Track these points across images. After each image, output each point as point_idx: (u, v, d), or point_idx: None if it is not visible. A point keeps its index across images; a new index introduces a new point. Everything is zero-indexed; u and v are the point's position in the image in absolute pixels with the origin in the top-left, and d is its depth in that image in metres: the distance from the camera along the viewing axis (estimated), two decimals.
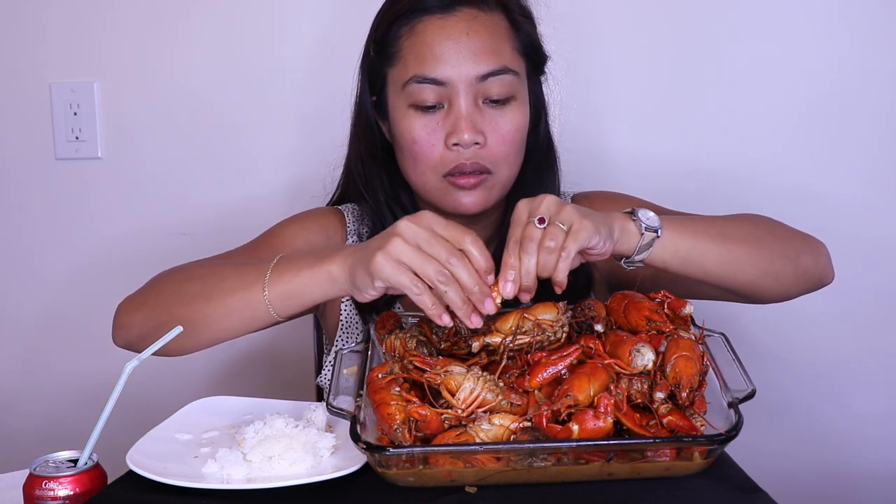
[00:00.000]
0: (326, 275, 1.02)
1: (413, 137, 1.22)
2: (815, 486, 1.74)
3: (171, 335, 1.00)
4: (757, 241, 1.14)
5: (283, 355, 1.79)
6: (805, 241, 1.22)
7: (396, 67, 1.24)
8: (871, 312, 1.69)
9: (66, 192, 1.81)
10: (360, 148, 1.33)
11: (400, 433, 0.91)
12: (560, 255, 0.95)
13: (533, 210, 0.97)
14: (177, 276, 1.18)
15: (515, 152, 1.25)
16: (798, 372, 1.74)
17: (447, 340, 1.04)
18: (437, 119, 1.21)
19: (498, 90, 1.21)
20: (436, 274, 0.93)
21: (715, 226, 1.12)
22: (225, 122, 1.77)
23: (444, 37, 1.20)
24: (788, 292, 1.20)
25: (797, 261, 1.18)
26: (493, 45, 1.21)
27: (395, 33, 1.23)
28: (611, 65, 1.69)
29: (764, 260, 1.14)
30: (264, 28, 1.74)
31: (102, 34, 1.76)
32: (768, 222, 1.21)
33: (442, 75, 1.19)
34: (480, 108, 1.21)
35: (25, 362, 1.87)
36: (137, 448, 0.98)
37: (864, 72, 1.65)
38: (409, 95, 1.22)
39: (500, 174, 1.24)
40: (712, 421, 0.92)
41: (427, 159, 1.22)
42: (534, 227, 0.96)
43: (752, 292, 1.17)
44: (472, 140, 1.20)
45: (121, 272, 1.79)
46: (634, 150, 1.71)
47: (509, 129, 1.22)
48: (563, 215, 0.96)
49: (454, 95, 1.20)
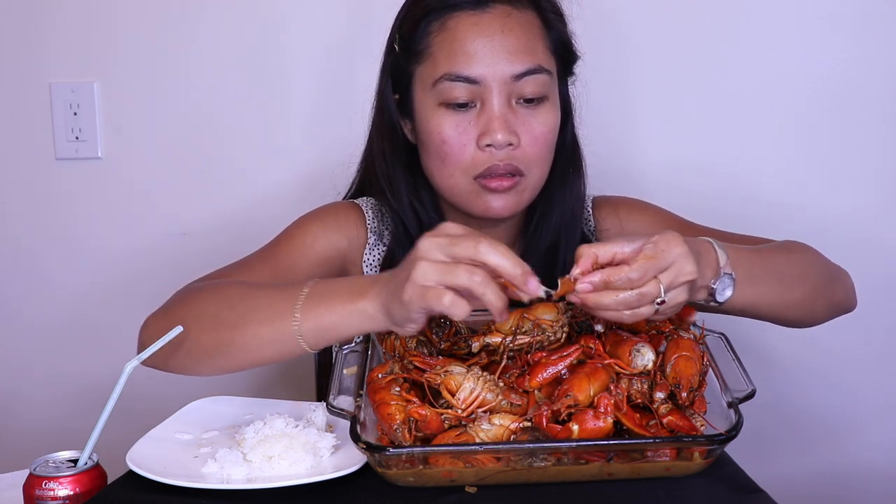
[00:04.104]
0: (362, 313, 0.96)
1: (443, 137, 1.18)
2: (815, 486, 1.74)
3: (171, 335, 1.00)
4: (803, 284, 1.15)
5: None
6: (839, 277, 1.25)
7: (425, 64, 1.20)
8: (875, 314, 1.69)
9: (66, 192, 1.81)
10: (384, 147, 1.29)
11: (400, 433, 0.91)
12: (629, 314, 0.91)
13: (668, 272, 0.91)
14: (205, 297, 1.10)
15: (548, 154, 1.22)
16: (798, 372, 1.74)
17: (447, 340, 1.04)
18: (469, 119, 1.17)
19: (532, 90, 1.17)
20: (469, 281, 0.86)
21: (767, 266, 1.10)
22: (225, 122, 1.77)
23: (477, 34, 1.16)
24: (818, 323, 1.23)
25: (832, 298, 1.22)
26: (528, 44, 1.18)
27: (423, 30, 1.20)
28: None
29: (809, 301, 1.17)
30: (265, 27, 1.73)
31: (102, 34, 1.75)
32: (809, 256, 1.22)
33: (475, 73, 1.15)
34: (514, 108, 1.17)
35: (25, 362, 1.86)
36: (137, 448, 0.98)
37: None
38: (440, 93, 1.18)
39: (533, 176, 1.20)
40: (712, 421, 0.92)
41: (457, 160, 1.18)
42: (653, 293, 0.90)
43: (782, 325, 1.19)
44: (506, 141, 1.16)
45: (121, 272, 1.80)
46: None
47: (542, 129, 1.19)
48: (676, 287, 0.91)
49: (487, 94, 1.16)
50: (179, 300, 1.13)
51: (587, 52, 1.30)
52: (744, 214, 1.58)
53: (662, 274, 0.90)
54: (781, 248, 1.20)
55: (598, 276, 0.89)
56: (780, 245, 1.21)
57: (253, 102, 1.76)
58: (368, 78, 1.32)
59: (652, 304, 0.90)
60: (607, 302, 0.90)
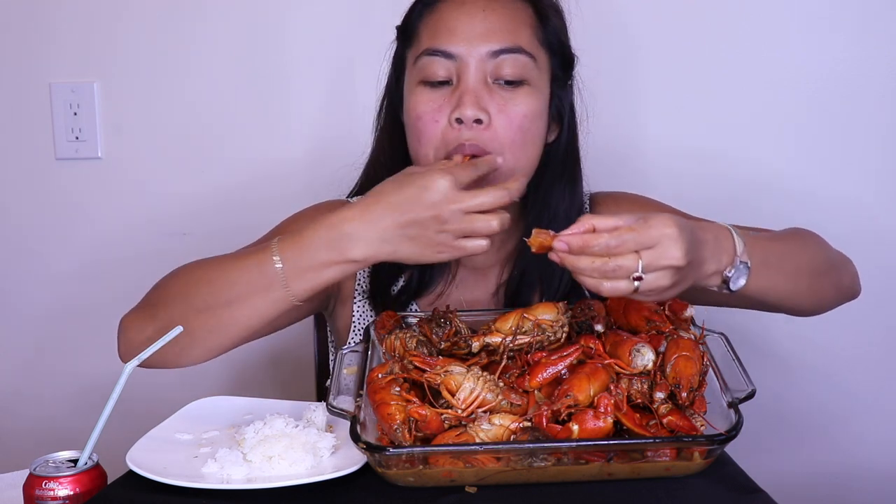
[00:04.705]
0: (341, 234, 1.01)
1: (417, 113, 1.17)
2: (815, 486, 1.74)
3: (171, 335, 1.00)
4: (815, 272, 1.16)
5: (283, 355, 1.79)
6: (845, 264, 1.25)
7: (413, 46, 1.21)
8: (871, 312, 1.69)
9: (66, 192, 1.81)
10: (384, 139, 1.30)
11: (400, 433, 0.91)
12: (605, 286, 0.91)
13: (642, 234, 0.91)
14: (180, 278, 1.14)
15: (522, 140, 1.16)
16: (798, 372, 1.73)
17: (447, 340, 1.04)
18: (445, 95, 1.16)
19: (510, 70, 1.15)
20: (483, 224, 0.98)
21: (782, 255, 1.10)
22: (225, 122, 1.77)
23: (460, 13, 1.17)
24: (826, 310, 1.23)
25: (841, 284, 1.22)
26: (510, 25, 1.17)
27: (417, 14, 1.22)
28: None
29: (820, 288, 1.17)
30: (265, 27, 1.73)
31: (102, 34, 1.76)
32: (818, 243, 1.22)
33: (452, 48, 1.15)
34: (490, 87, 1.15)
35: (25, 362, 1.87)
36: (137, 448, 0.98)
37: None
38: (419, 70, 1.17)
39: (506, 163, 1.15)
40: (712, 421, 0.92)
41: (429, 137, 1.16)
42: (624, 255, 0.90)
43: (791, 313, 1.20)
44: (474, 116, 1.13)
45: (121, 273, 1.80)
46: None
47: (517, 112, 1.15)
48: (658, 268, 0.91)
49: (463, 70, 1.15)
50: (157, 290, 1.15)
51: (589, 49, 1.29)
52: (746, 210, 1.58)
53: (645, 251, 0.90)
54: (791, 235, 1.20)
55: (577, 238, 0.91)
56: (788, 232, 1.21)
57: (253, 102, 1.76)
58: (368, 78, 1.33)
59: (629, 278, 0.90)
60: (582, 266, 0.91)
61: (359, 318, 1.32)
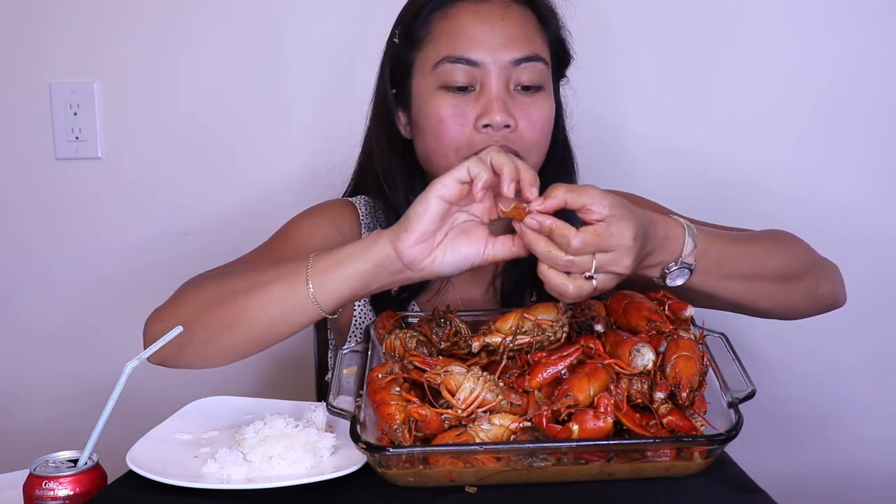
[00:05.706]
0: (371, 245, 1.00)
1: (440, 117, 1.19)
2: (815, 486, 1.75)
3: (170, 335, 1.00)
4: (780, 277, 1.16)
5: (283, 355, 1.79)
6: (824, 270, 1.24)
7: (426, 50, 1.22)
8: (871, 313, 1.69)
9: (66, 192, 1.81)
10: (381, 138, 1.31)
11: (400, 433, 0.91)
12: (560, 263, 0.93)
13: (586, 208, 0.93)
14: (208, 281, 1.13)
15: (545, 141, 1.23)
16: (798, 372, 1.74)
17: (447, 340, 1.04)
18: (468, 101, 1.19)
19: (529, 77, 1.20)
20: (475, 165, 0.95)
21: (741, 258, 1.11)
22: (225, 122, 1.77)
23: (478, 20, 1.20)
24: (799, 316, 1.23)
25: (816, 291, 1.22)
26: (527, 34, 1.21)
27: (425, 18, 1.23)
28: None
29: (783, 294, 1.17)
30: (265, 27, 1.74)
31: (102, 34, 1.76)
32: (794, 248, 1.22)
33: (475, 56, 1.18)
34: (511, 94, 1.20)
35: (25, 362, 1.86)
36: (137, 448, 0.98)
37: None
38: (440, 76, 1.20)
39: (530, 162, 1.20)
40: (712, 421, 0.92)
41: (452, 140, 1.19)
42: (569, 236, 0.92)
43: (764, 316, 1.20)
44: (504, 122, 1.17)
45: (121, 272, 1.80)
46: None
47: (539, 115, 1.21)
48: (607, 272, 0.94)
49: (486, 77, 1.18)
50: (185, 290, 1.15)
51: (582, 50, 1.32)
52: (740, 212, 1.58)
53: (600, 254, 0.93)
54: (763, 237, 1.20)
55: (549, 221, 0.93)
56: (763, 234, 1.21)
57: (253, 102, 1.76)
58: (368, 78, 1.33)
59: (582, 275, 0.93)
60: (539, 249, 0.94)
61: (359, 318, 1.32)
